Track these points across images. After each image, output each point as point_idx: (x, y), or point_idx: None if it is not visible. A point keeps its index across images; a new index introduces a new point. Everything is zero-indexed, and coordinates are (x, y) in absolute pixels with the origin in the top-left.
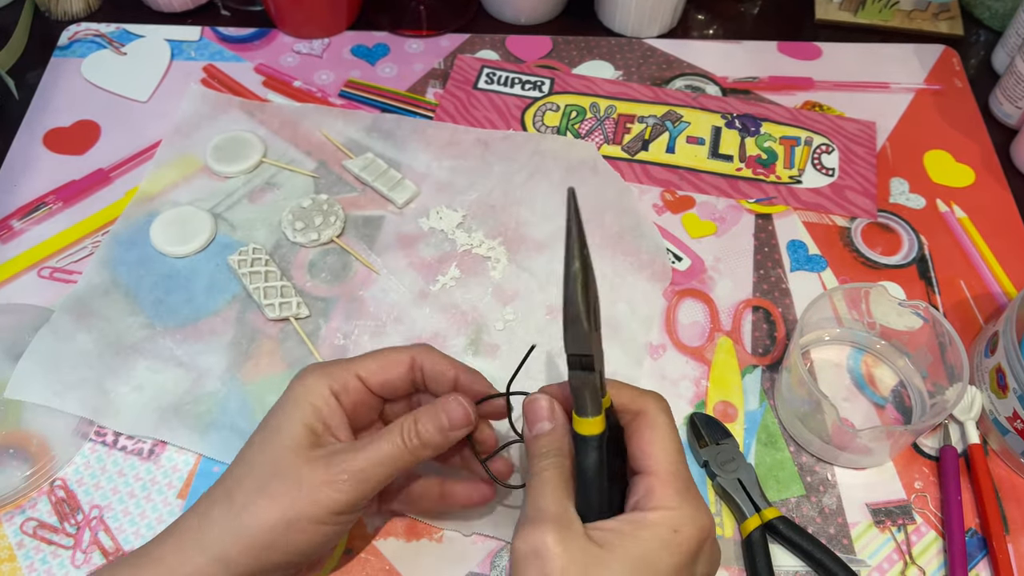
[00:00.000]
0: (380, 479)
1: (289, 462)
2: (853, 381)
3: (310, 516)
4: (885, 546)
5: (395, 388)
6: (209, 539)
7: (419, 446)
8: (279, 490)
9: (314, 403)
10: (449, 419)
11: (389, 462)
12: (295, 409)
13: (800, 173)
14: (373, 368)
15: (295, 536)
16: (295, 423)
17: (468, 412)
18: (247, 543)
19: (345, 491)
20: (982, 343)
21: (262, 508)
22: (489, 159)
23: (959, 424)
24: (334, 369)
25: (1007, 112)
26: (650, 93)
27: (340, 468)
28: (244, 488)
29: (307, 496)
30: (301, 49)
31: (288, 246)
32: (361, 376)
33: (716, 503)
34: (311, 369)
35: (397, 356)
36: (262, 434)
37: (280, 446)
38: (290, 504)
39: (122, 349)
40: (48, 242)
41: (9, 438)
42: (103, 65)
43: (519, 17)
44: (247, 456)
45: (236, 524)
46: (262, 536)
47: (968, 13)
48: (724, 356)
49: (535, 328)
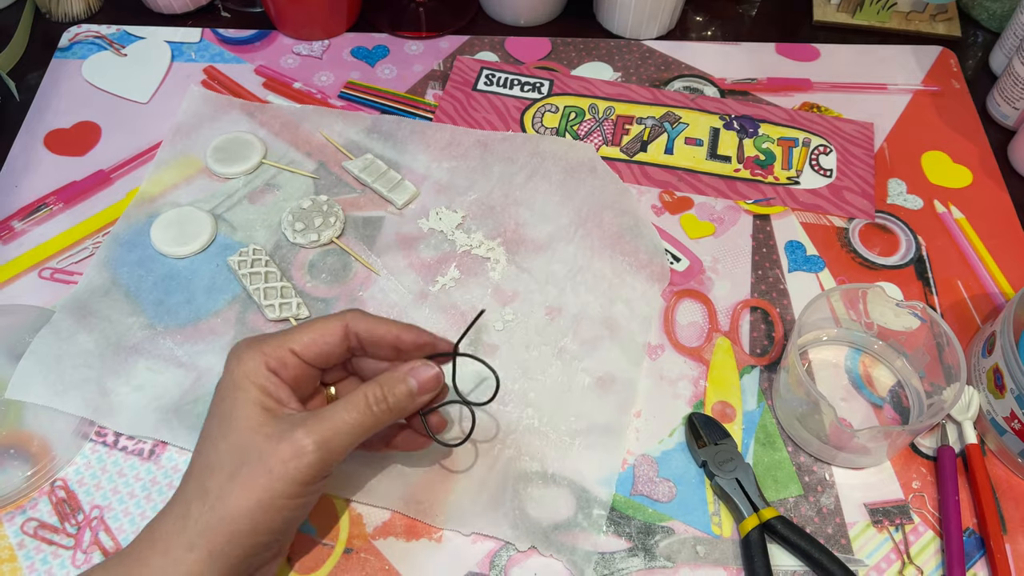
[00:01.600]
0: (345, 446)
1: (253, 444)
2: (851, 381)
3: (283, 493)
4: (883, 546)
5: (330, 357)
6: (193, 536)
7: (386, 410)
8: (250, 475)
9: (257, 382)
10: (419, 383)
11: (354, 430)
12: (241, 392)
13: (798, 174)
14: (306, 341)
15: (274, 515)
16: (247, 406)
17: (439, 374)
18: (230, 532)
19: (312, 463)
20: (979, 343)
21: (237, 496)
22: (488, 160)
23: (957, 424)
24: (267, 347)
25: (1005, 113)
26: (649, 94)
27: (305, 441)
28: (216, 479)
29: (277, 475)
30: (301, 51)
31: (288, 247)
32: (295, 351)
33: (714, 503)
34: (245, 349)
35: (329, 326)
36: (217, 423)
37: (239, 431)
38: (263, 487)
39: (122, 349)
40: (49, 243)
41: (10, 438)
42: (104, 66)
43: (518, 19)
44: (209, 448)
45: (216, 516)
46: (243, 522)
47: (966, 14)
48: (722, 356)
49: (534, 328)
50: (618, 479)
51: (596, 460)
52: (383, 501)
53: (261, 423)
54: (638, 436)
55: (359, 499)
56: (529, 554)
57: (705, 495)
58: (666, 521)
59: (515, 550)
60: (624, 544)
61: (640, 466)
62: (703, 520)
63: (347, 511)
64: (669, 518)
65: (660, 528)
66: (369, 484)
